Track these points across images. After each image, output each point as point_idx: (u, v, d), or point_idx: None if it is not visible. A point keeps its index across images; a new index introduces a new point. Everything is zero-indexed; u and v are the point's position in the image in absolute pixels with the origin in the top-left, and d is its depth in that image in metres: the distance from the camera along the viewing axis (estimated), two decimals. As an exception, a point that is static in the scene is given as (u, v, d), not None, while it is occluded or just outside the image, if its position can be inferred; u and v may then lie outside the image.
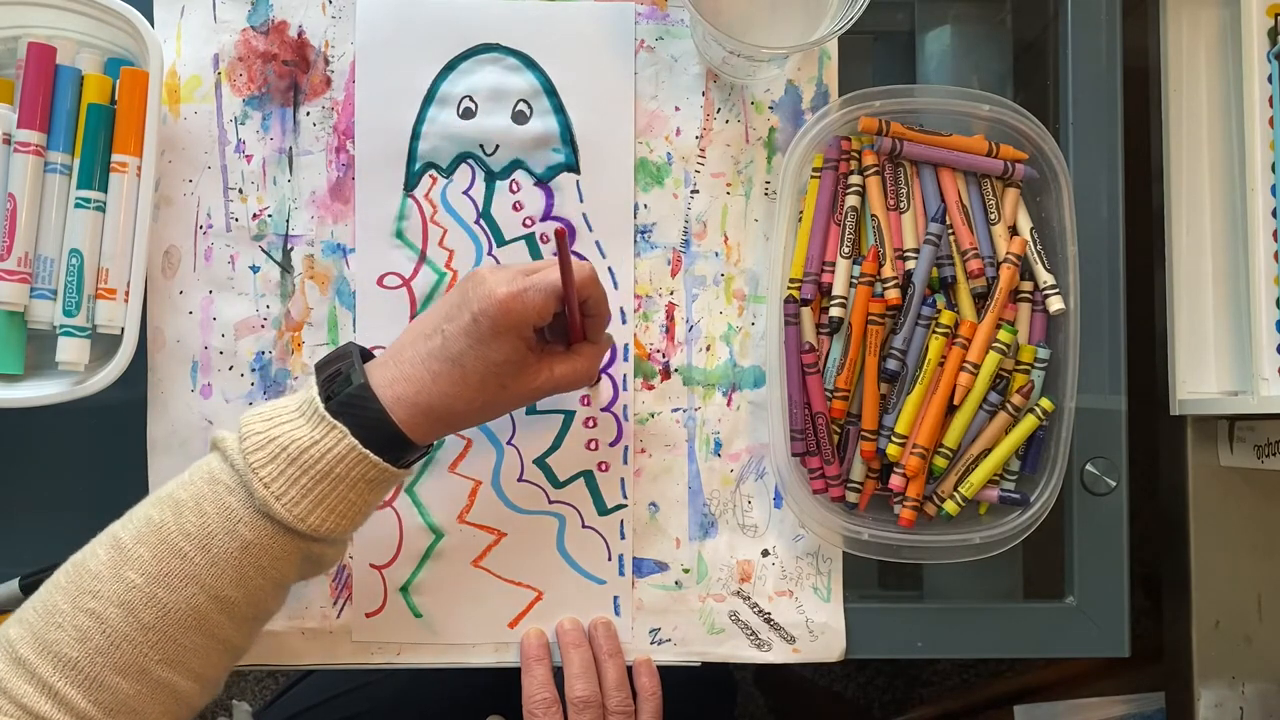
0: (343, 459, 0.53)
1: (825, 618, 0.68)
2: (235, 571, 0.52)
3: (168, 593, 0.51)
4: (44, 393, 0.63)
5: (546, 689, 0.65)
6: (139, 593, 0.51)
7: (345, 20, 0.69)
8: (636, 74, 0.69)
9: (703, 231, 0.69)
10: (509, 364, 0.56)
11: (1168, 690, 0.79)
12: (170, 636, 0.51)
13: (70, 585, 0.52)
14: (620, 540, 0.68)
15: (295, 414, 0.54)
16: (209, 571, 0.52)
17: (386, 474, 0.54)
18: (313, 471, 0.53)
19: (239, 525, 0.52)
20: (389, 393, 0.54)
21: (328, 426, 0.53)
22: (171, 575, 0.51)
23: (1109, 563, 0.69)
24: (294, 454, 0.53)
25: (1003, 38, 0.74)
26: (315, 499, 0.53)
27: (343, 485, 0.53)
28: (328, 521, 0.53)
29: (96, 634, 0.50)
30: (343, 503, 0.54)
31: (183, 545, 0.52)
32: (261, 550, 0.53)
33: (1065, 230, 0.66)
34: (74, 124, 0.64)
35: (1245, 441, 0.73)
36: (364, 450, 0.53)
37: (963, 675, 1.42)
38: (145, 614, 0.51)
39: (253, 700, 1.37)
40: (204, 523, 0.52)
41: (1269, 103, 0.68)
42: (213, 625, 0.53)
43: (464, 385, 0.55)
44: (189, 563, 0.52)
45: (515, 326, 0.55)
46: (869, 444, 0.66)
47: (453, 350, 0.55)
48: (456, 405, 0.55)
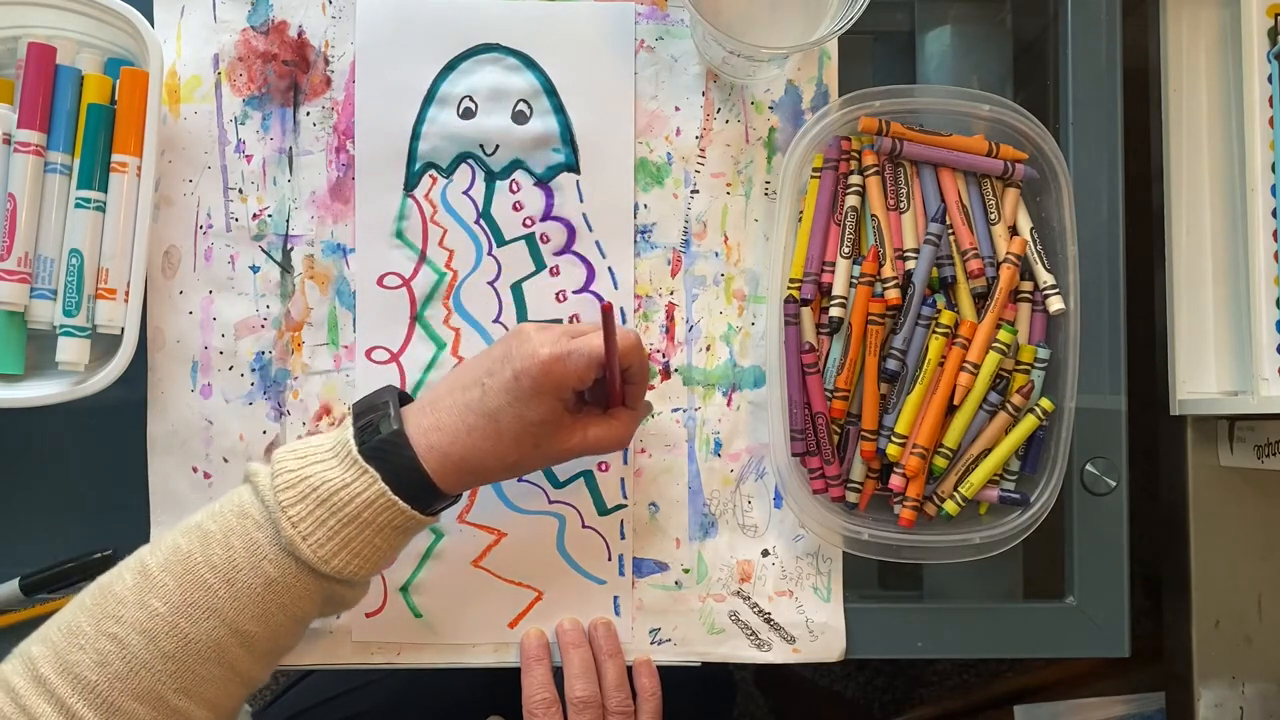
0: (371, 504, 0.53)
1: (825, 618, 0.68)
2: (258, 607, 0.53)
3: (190, 624, 0.51)
4: (44, 393, 0.63)
5: (546, 689, 0.65)
6: (162, 621, 0.51)
7: (345, 20, 0.69)
8: (636, 74, 0.69)
9: (703, 231, 0.69)
10: (545, 424, 0.56)
11: (1168, 690, 0.79)
12: (189, 667, 0.51)
13: (95, 608, 0.52)
14: (620, 540, 0.68)
15: (329, 454, 0.54)
16: (232, 605, 0.52)
17: (413, 521, 0.55)
18: (341, 514, 0.53)
19: (264, 562, 0.53)
20: (423, 441, 0.55)
21: (359, 470, 0.53)
22: (195, 606, 0.52)
23: (1109, 563, 0.69)
24: (324, 495, 0.53)
25: (1003, 38, 0.74)
26: (341, 541, 0.53)
27: (369, 530, 0.54)
28: (351, 564, 0.54)
29: (117, 659, 0.50)
30: (368, 546, 0.54)
31: (208, 577, 0.52)
32: (285, 588, 0.53)
33: (1065, 230, 0.66)
34: (74, 124, 0.64)
35: (1245, 441, 0.73)
36: (393, 497, 0.53)
37: (963, 675, 1.42)
38: (166, 643, 0.51)
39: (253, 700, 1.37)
40: (230, 556, 0.52)
41: (1269, 103, 0.68)
42: (232, 658, 0.53)
43: (498, 441, 0.56)
44: (213, 595, 0.52)
45: (555, 388, 0.56)
46: (869, 444, 0.66)
47: (490, 406, 0.56)
48: (489, 461, 0.56)
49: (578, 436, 0.59)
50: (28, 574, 0.65)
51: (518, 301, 0.68)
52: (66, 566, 0.66)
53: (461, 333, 0.68)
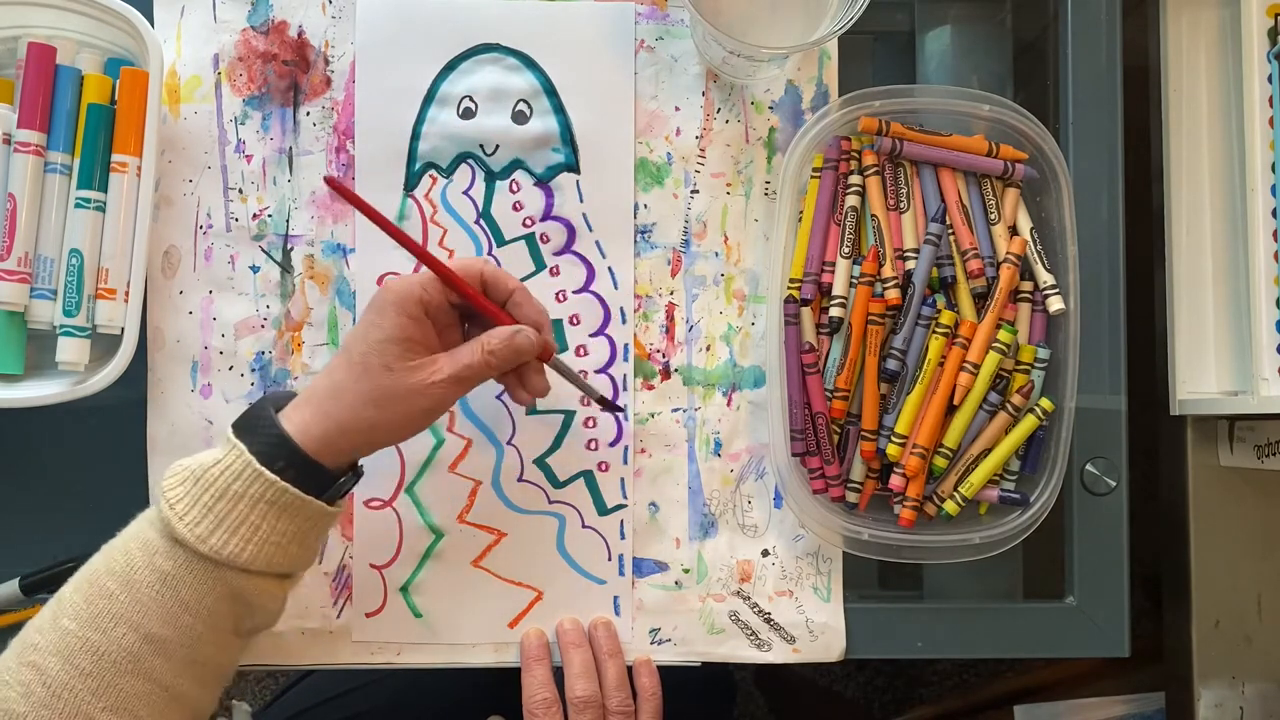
0: (239, 475, 0.53)
1: (825, 618, 0.68)
2: (159, 607, 0.52)
3: (99, 635, 0.51)
4: (44, 393, 0.63)
5: (547, 689, 0.65)
6: (73, 638, 0.51)
7: (345, 20, 0.69)
8: (636, 74, 0.69)
9: (703, 231, 0.69)
10: (392, 342, 0.54)
11: (1168, 690, 0.79)
12: (109, 682, 0.51)
13: (17, 643, 0.52)
14: (620, 540, 0.68)
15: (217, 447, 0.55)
16: (134, 609, 0.51)
17: (288, 496, 0.53)
18: (212, 489, 0.52)
19: (155, 556, 0.52)
20: (290, 408, 0.55)
21: (228, 445, 0.54)
22: (101, 616, 0.51)
23: (1109, 563, 0.69)
24: (198, 475, 0.53)
25: (1003, 38, 0.74)
26: (216, 518, 0.52)
27: (242, 504, 0.53)
28: (230, 544, 0.52)
29: (38, 686, 0.50)
30: (245, 524, 0.53)
31: (109, 584, 0.52)
32: (180, 581, 0.52)
33: (1065, 230, 0.66)
34: (74, 124, 0.64)
35: (1245, 441, 0.73)
36: (259, 467, 0.52)
37: (963, 675, 1.42)
38: (81, 660, 0.51)
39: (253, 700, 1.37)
40: (128, 559, 0.52)
41: (1269, 103, 0.68)
42: (149, 669, 0.52)
43: (348, 368, 0.54)
44: (115, 601, 0.51)
45: (397, 301, 0.55)
46: (869, 444, 0.66)
47: (346, 342, 0.56)
48: (343, 392, 0.54)
49: (442, 360, 0.56)
50: (28, 574, 0.65)
51: (518, 301, 0.68)
52: (66, 566, 0.65)
53: (461, 333, 0.68)
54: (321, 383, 0.55)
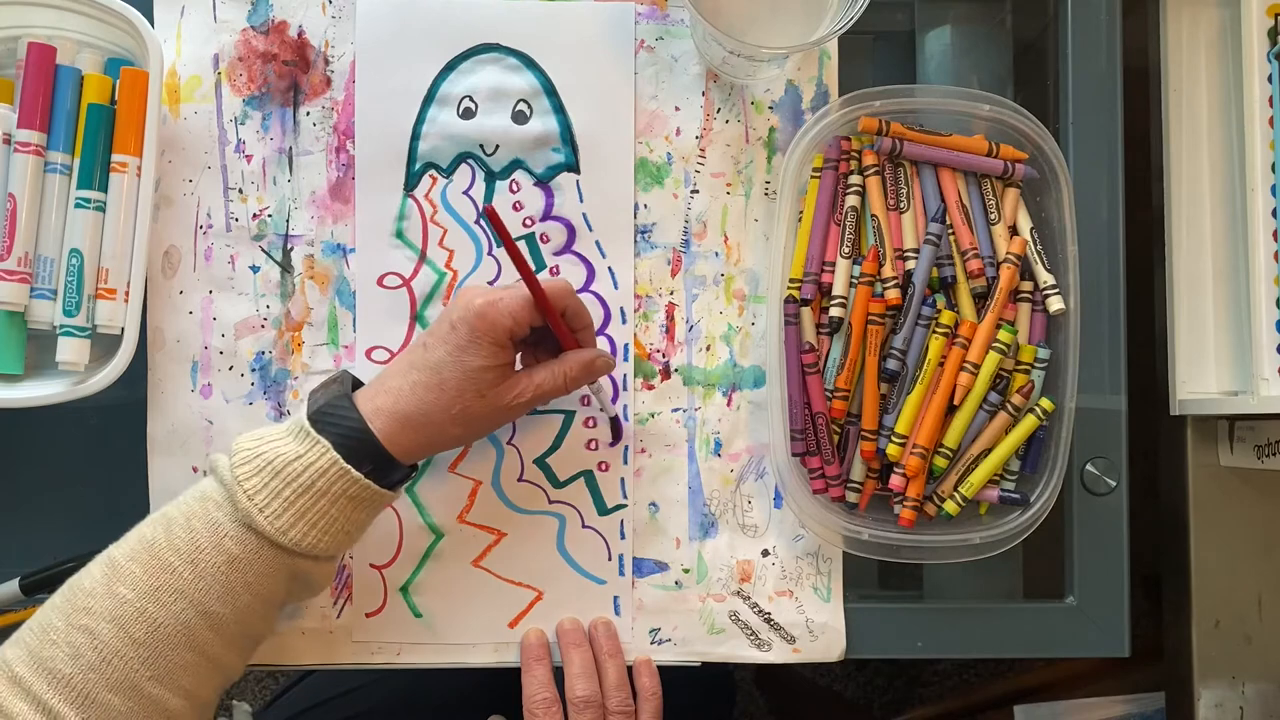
0: (324, 473, 0.54)
1: (825, 618, 0.68)
2: (222, 587, 0.53)
3: (157, 608, 0.52)
4: (44, 393, 0.63)
5: (547, 689, 0.65)
6: (130, 608, 0.52)
7: (345, 20, 0.69)
8: (636, 74, 0.69)
9: (703, 231, 0.69)
10: (487, 370, 0.57)
11: (1168, 690, 0.79)
12: (160, 652, 0.52)
13: (65, 604, 0.53)
14: (620, 540, 0.68)
15: (284, 433, 0.56)
16: (196, 586, 0.53)
17: (368, 491, 0.56)
18: (295, 484, 0.54)
19: (225, 540, 0.53)
20: (369, 406, 0.56)
21: (311, 441, 0.55)
22: (161, 590, 0.52)
23: (1109, 563, 0.69)
24: (278, 468, 0.54)
25: (1003, 38, 0.74)
26: (297, 512, 0.54)
27: (324, 500, 0.54)
28: (309, 536, 0.54)
29: (89, 650, 0.51)
30: (324, 518, 0.55)
31: (172, 560, 0.53)
32: (247, 565, 0.54)
33: (1065, 230, 0.66)
34: (74, 124, 0.64)
35: (1245, 441, 0.73)
36: (345, 465, 0.54)
37: (963, 675, 1.42)
38: (136, 629, 0.52)
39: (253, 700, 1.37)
40: (193, 538, 0.53)
41: (1269, 103, 0.68)
42: (202, 642, 0.53)
43: (440, 391, 0.56)
44: (178, 577, 0.53)
45: (490, 332, 0.57)
46: (869, 444, 0.66)
47: (432, 359, 0.57)
48: (434, 413, 0.57)
49: (523, 383, 0.59)
50: (28, 574, 0.65)
51: (518, 301, 0.68)
52: (66, 566, 0.65)
53: (461, 333, 0.68)
54: (409, 400, 0.56)
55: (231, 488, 0.54)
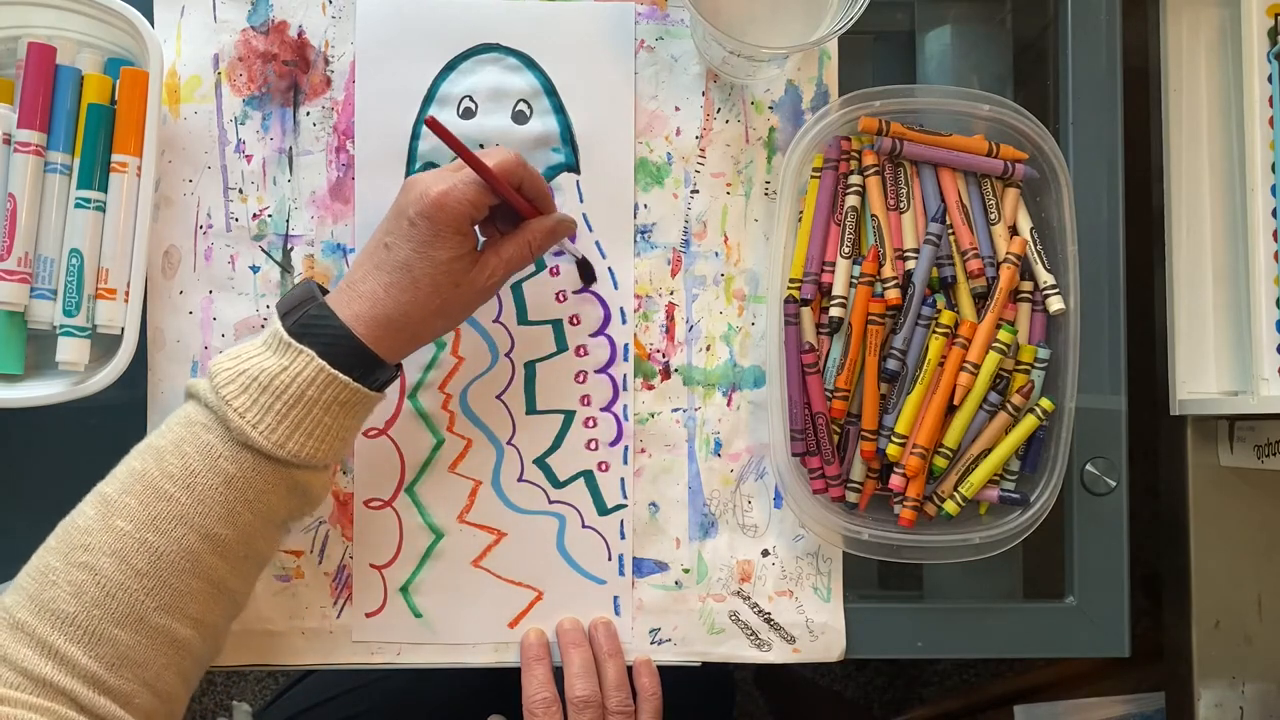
0: (313, 381, 0.54)
1: (825, 618, 0.68)
2: (222, 508, 0.53)
3: (157, 536, 0.52)
4: (44, 393, 0.63)
5: (547, 688, 0.65)
6: (129, 539, 0.51)
7: (345, 20, 0.69)
8: (636, 74, 0.69)
9: (703, 231, 0.69)
10: (455, 261, 0.57)
11: (1168, 690, 0.79)
12: (164, 581, 0.52)
13: (61, 544, 0.52)
14: (620, 540, 0.68)
15: (262, 347, 0.55)
16: (196, 510, 0.53)
17: (358, 395, 0.56)
18: (285, 396, 0.54)
19: (220, 460, 0.53)
20: (347, 312, 0.56)
21: (295, 352, 0.54)
22: (159, 518, 0.52)
23: (1109, 563, 0.69)
24: (264, 382, 0.54)
25: (1003, 38, 0.74)
26: (291, 424, 0.54)
27: (316, 408, 0.54)
28: (306, 446, 0.54)
29: (91, 586, 0.51)
30: (319, 426, 0.55)
31: (167, 488, 0.53)
32: (246, 483, 0.54)
33: (1065, 230, 0.66)
34: (74, 124, 0.64)
35: (1245, 441, 0.73)
36: (332, 371, 0.54)
37: (963, 675, 1.42)
38: (137, 560, 0.51)
39: (253, 700, 1.37)
40: (186, 463, 0.53)
41: (1269, 103, 0.68)
42: (206, 567, 0.53)
43: (416, 291, 0.56)
44: (175, 504, 0.52)
45: (451, 222, 0.56)
46: (869, 444, 0.66)
47: (399, 258, 0.56)
48: (413, 312, 0.56)
49: (493, 262, 0.59)
50: (28, 574, 0.65)
51: (518, 301, 0.68)
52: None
53: (461, 332, 0.68)
54: (386, 304, 0.56)
55: (220, 408, 0.53)
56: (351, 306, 0.56)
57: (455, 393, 0.68)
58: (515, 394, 0.68)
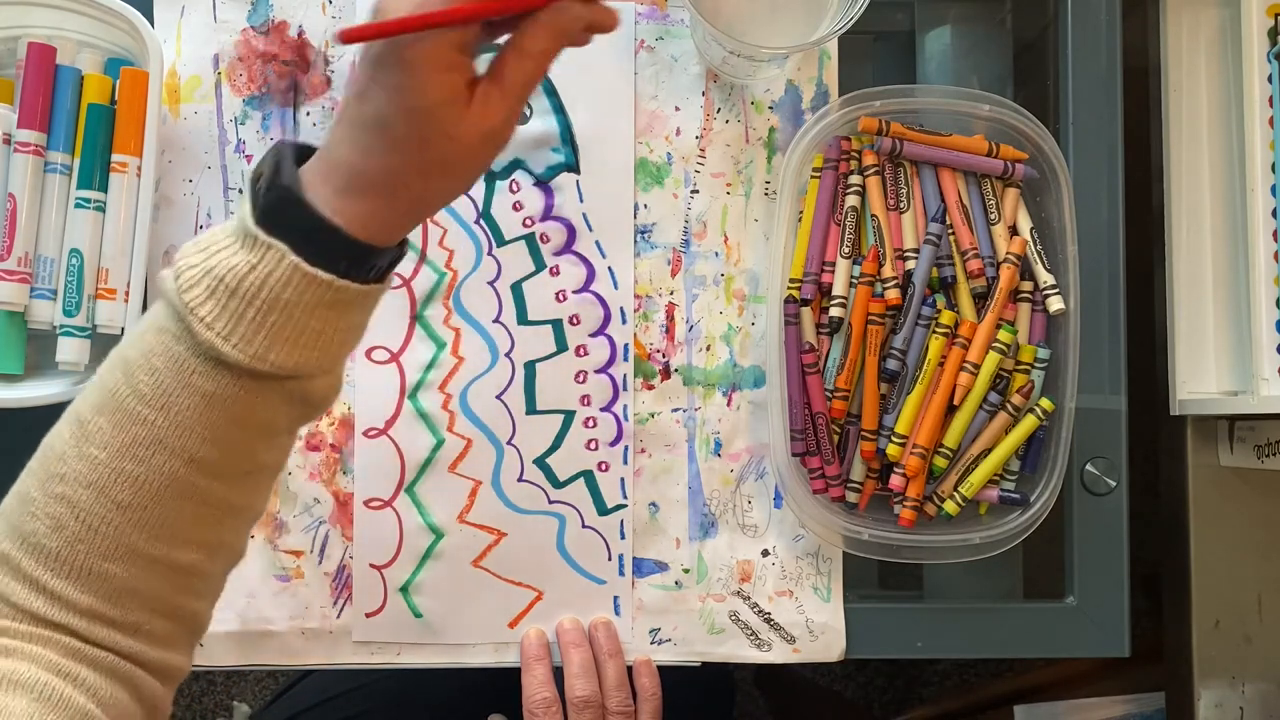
0: (288, 282, 0.44)
1: (825, 618, 0.68)
2: (205, 429, 0.44)
3: (135, 465, 0.44)
4: (44, 393, 0.63)
5: (547, 688, 0.65)
6: (105, 470, 0.44)
7: (345, 20, 0.69)
8: (636, 74, 0.69)
9: (703, 231, 0.69)
10: (443, 108, 0.43)
11: (1168, 690, 0.79)
12: (151, 512, 0.45)
13: (40, 469, 0.46)
14: (620, 540, 0.68)
15: (231, 238, 0.45)
16: (174, 434, 0.44)
17: (347, 293, 0.45)
18: (258, 302, 0.44)
19: (193, 377, 0.44)
20: (324, 190, 0.44)
21: (263, 248, 0.44)
22: (136, 444, 0.44)
23: (1109, 563, 0.69)
24: (232, 285, 0.44)
25: (1003, 38, 0.74)
26: (270, 333, 0.44)
27: (298, 312, 0.44)
28: (292, 356, 0.45)
29: (71, 520, 0.44)
30: (305, 332, 0.45)
31: (140, 410, 0.44)
32: (228, 400, 0.44)
33: (1065, 230, 0.66)
34: (74, 124, 0.64)
35: (1245, 441, 0.73)
36: (311, 270, 0.43)
37: (963, 675, 1.42)
38: (117, 492, 0.44)
39: (253, 700, 1.37)
40: (157, 380, 0.45)
41: (1269, 103, 0.68)
42: (198, 490, 0.45)
43: (401, 151, 0.44)
44: (151, 427, 0.44)
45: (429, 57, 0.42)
46: (869, 444, 0.66)
47: (370, 112, 0.44)
48: (403, 177, 0.45)
49: (494, 96, 0.44)
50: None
51: (518, 301, 0.68)
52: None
53: (461, 332, 0.68)
54: (368, 173, 0.44)
55: (185, 316, 0.44)
56: (329, 182, 0.44)
57: (455, 393, 0.68)
58: (515, 394, 0.68)
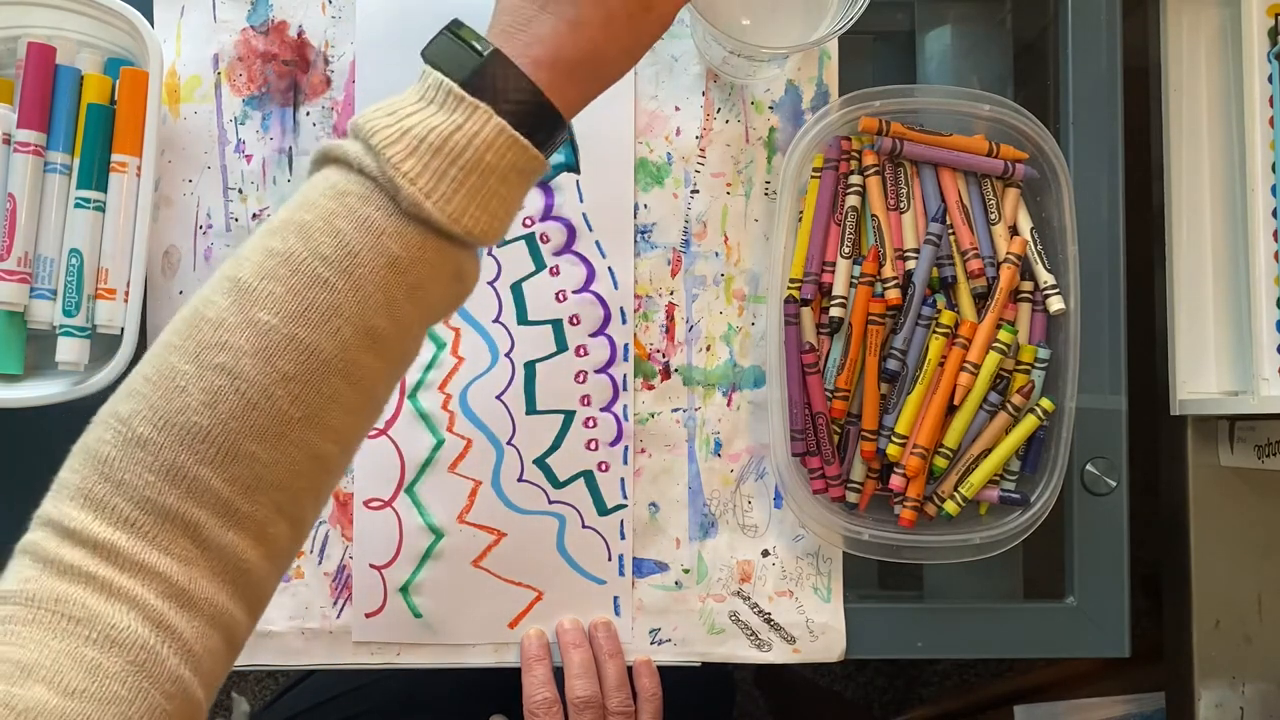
0: (492, 145, 0.45)
1: (825, 618, 0.68)
2: (384, 295, 0.44)
3: (309, 331, 0.43)
4: (44, 393, 0.63)
5: (547, 689, 0.65)
6: (276, 335, 0.42)
7: (345, 20, 0.69)
8: (636, 74, 0.69)
9: (703, 231, 0.69)
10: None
11: (1168, 690, 0.79)
12: (314, 387, 0.43)
13: (188, 343, 0.43)
14: (620, 540, 0.68)
15: (421, 104, 0.46)
16: (354, 299, 0.43)
17: (536, 163, 0.47)
18: (461, 161, 0.44)
19: (384, 238, 0.44)
20: (526, 59, 0.46)
21: (469, 108, 0.45)
22: (313, 309, 0.43)
23: (1109, 563, 0.69)
24: (436, 144, 0.44)
25: (1003, 38, 0.74)
26: (468, 193, 0.45)
27: (494, 176, 0.45)
28: (482, 220, 0.45)
29: (230, 393, 0.42)
30: (494, 198, 0.46)
31: (321, 271, 0.43)
32: (411, 264, 0.44)
33: (1065, 230, 0.66)
34: (74, 124, 0.64)
35: (1245, 441, 0.73)
36: (514, 133, 0.45)
37: (963, 675, 1.42)
38: (284, 362, 0.42)
39: (253, 700, 1.37)
40: (342, 241, 0.43)
41: (1269, 103, 0.68)
42: (361, 370, 0.44)
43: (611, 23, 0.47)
44: (332, 291, 0.43)
45: None
46: (869, 444, 0.66)
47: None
48: (606, 50, 0.47)
49: None
50: (28, 574, 0.65)
51: (517, 301, 0.68)
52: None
53: (461, 332, 0.68)
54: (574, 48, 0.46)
55: (387, 173, 0.44)
56: (530, 51, 0.46)
57: (455, 393, 0.68)
58: (515, 394, 0.68)
